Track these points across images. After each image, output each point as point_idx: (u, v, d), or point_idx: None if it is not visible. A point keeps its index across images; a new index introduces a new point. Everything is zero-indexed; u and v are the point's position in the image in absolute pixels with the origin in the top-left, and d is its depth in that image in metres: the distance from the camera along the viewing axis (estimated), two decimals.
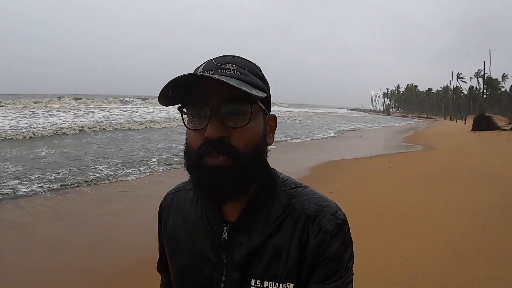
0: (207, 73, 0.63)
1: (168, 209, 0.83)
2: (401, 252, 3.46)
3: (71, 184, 6.43)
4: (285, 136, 17.02)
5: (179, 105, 0.67)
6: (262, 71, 0.72)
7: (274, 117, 0.74)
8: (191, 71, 0.66)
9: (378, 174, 7.66)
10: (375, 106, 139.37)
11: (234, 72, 0.64)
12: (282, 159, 9.38)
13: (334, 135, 20.70)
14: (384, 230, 4.10)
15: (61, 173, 7.22)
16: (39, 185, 6.30)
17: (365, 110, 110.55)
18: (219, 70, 0.64)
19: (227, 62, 0.65)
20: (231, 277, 0.71)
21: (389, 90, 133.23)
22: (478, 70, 64.52)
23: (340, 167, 8.46)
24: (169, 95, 0.64)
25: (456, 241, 3.72)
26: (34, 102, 27.61)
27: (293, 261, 0.69)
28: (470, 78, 62.97)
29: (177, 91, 0.63)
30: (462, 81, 77.93)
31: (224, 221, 0.72)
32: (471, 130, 22.77)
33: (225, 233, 0.71)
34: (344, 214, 0.72)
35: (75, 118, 19.87)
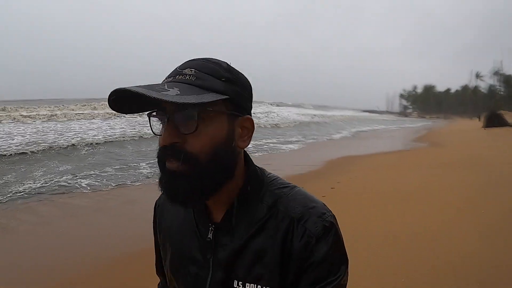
0: (167, 79, 0.66)
1: (161, 208, 0.87)
2: (407, 214, 4.91)
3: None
4: (302, 137, 18.44)
5: (148, 112, 0.68)
6: (238, 71, 0.71)
7: (249, 119, 0.71)
8: None
9: (389, 165, 9.07)
10: (391, 107, 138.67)
11: (189, 77, 0.65)
12: (300, 155, 10.89)
13: (349, 135, 22.07)
14: (393, 201, 5.53)
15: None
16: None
17: (380, 112, 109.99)
18: (177, 76, 0.66)
19: (187, 67, 0.67)
20: (216, 277, 0.72)
21: (405, 91, 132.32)
22: (497, 68, 64.42)
23: (355, 161, 9.88)
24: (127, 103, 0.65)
25: (445, 204, 5.14)
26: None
27: (276, 265, 0.68)
28: (490, 77, 62.74)
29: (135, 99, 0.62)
30: (481, 80, 77.65)
31: (210, 221, 0.73)
32: (483, 127, 23.64)
33: (210, 233, 0.73)
34: (333, 216, 0.71)
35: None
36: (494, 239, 3.68)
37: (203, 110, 0.63)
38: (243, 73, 0.74)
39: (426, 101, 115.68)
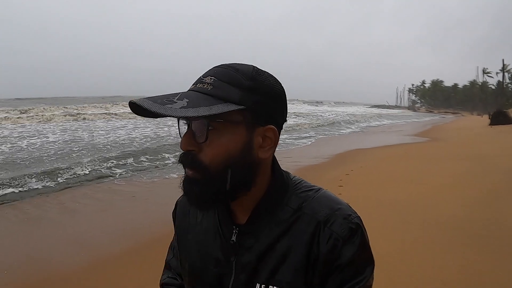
0: (191, 87, 0.68)
1: (183, 208, 0.87)
2: (409, 191, 5.98)
3: None
4: (315, 133, 19.48)
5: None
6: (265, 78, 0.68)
7: (271, 129, 0.69)
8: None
9: (397, 156, 10.11)
10: (400, 102, 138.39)
11: (207, 86, 0.65)
12: (314, 149, 11.95)
13: (358, 130, 23.05)
14: (398, 183, 6.58)
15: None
16: None
17: (389, 106, 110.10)
18: (197, 85, 0.67)
19: (208, 75, 0.67)
20: (238, 280, 0.72)
21: (414, 86, 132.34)
22: (504, 65, 64.23)
23: (365, 153, 10.93)
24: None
25: (441, 184, 6.18)
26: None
27: (300, 268, 0.68)
28: (496, 73, 62.75)
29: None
30: (489, 76, 77.54)
31: (234, 223, 0.74)
32: (489, 125, 24.36)
33: (234, 236, 0.73)
34: (359, 217, 0.71)
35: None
36: (472, 207, 4.77)
37: (212, 120, 0.63)
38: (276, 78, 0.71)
39: (434, 96, 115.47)
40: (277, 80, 0.71)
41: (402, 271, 3.05)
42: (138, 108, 0.63)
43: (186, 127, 0.68)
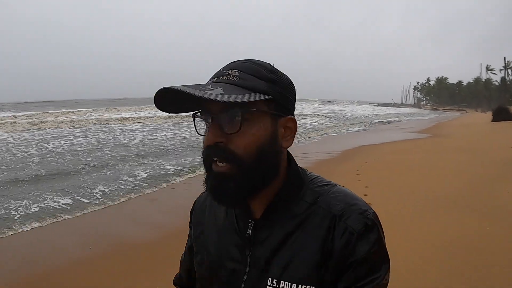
0: (212, 80, 0.68)
1: (201, 205, 0.88)
2: (416, 175, 7.21)
3: None
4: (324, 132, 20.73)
5: (193, 112, 0.70)
6: (281, 72, 0.72)
7: (292, 119, 0.72)
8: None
9: (405, 150, 11.37)
10: (406, 100, 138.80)
11: (233, 78, 0.66)
12: (327, 145, 13.22)
13: (366, 127, 24.28)
14: (407, 171, 7.81)
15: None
16: None
17: (395, 105, 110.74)
18: (221, 77, 0.67)
19: (231, 68, 0.68)
20: (252, 274, 0.72)
21: (419, 84, 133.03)
22: (508, 61, 64.96)
23: (376, 148, 12.17)
24: (176, 103, 0.67)
25: (441, 169, 7.41)
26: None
27: (314, 263, 0.68)
28: (500, 70, 63.40)
29: (182, 99, 0.65)
30: (492, 73, 78.30)
31: (249, 217, 0.74)
32: (492, 121, 25.38)
33: (249, 229, 0.74)
34: (375, 213, 0.70)
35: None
36: (466, 187, 5.99)
37: (247, 109, 0.64)
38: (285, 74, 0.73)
39: (439, 93, 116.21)
40: (288, 77, 0.74)
41: (412, 229, 4.29)
42: (164, 101, 0.66)
43: (205, 123, 0.69)
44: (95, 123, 21.46)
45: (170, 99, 0.66)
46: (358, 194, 0.76)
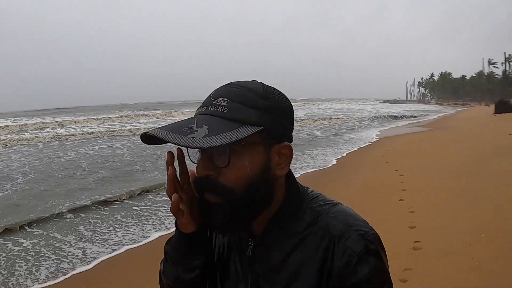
0: (201, 109, 0.67)
1: None
2: (432, 157, 9.31)
3: None
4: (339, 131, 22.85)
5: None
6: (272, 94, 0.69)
7: (286, 146, 0.70)
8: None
9: (418, 140, 13.50)
10: (411, 96, 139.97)
11: (222, 109, 0.65)
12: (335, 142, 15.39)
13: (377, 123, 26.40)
14: (422, 154, 9.87)
15: None
16: None
17: (400, 101, 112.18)
18: (209, 107, 0.66)
19: (220, 96, 0.66)
20: None
21: (423, 79, 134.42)
22: (509, 54, 66.56)
23: (392, 139, 14.28)
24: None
25: (451, 152, 9.50)
26: None
27: (313, 283, 0.67)
28: (502, 63, 64.77)
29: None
30: (494, 67, 79.87)
31: (250, 236, 0.75)
32: (494, 113, 27.28)
33: (249, 248, 0.74)
34: (376, 234, 0.68)
35: None
36: (467, 163, 8.03)
37: (235, 144, 0.63)
38: (281, 92, 0.72)
39: (443, 88, 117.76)
40: (285, 95, 0.72)
41: (432, 187, 6.38)
42: (152, 138, 0.63)
43: (199, 151, 0.68)
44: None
45: (156, 138, 0.63)
46: (389, 172, 1.93)
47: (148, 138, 0.64)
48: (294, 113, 0.74)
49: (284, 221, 0.72)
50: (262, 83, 0.71)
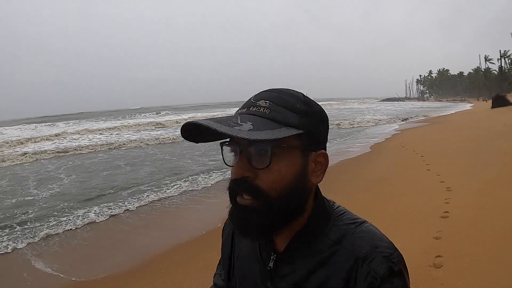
0: (242, 110, 0.68)
1: (230, 229, 0.90)
2: (441, 143, 11.52)
3: None
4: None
5: (221, 140, 0.69)
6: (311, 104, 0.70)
7: (323, 154, 0.71)
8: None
9: (425, 132, 15.72)
10: (410, 94, 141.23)
11: (264, 110, 0.65)
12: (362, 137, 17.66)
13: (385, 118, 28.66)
14: (430, 143, 12.05)
15: None
16: None
17: (399, 99, 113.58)
18: (251, 108, 0.67)
19: (262, 99, 0.67)
20: None
21: (421, 77, 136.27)
22: (504, 51, 68.68)
23: (403, 133, 16.53)
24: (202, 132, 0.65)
25: (456, 140, 11.68)
26: None
27: None
28: (498, 59, 66.66)
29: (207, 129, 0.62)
30: (491, 63, 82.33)
31: (273, 250, 0.74)
32: (491, 108, 29.43)
33: (271, 262, 0.73)
34: (401, 255, 0.68)
35: None
36: (467, 144, 10.15)
37: (277, 145, 0.63)
38: (318, 104, 0.72)
39: (441, 85, 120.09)
40: (322, 107, 0.73)
41: (444, 162, 8.53)
42: (192, 131, 0.65)
43: (234, 153, 0.68)
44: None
45: (196, 131, 0.65)
46: (412, 157, 3.12)
47: (188, 132, 0.66)
48: None
49: (310, 237, 0.71)
50: (302, 92, 0.72)
